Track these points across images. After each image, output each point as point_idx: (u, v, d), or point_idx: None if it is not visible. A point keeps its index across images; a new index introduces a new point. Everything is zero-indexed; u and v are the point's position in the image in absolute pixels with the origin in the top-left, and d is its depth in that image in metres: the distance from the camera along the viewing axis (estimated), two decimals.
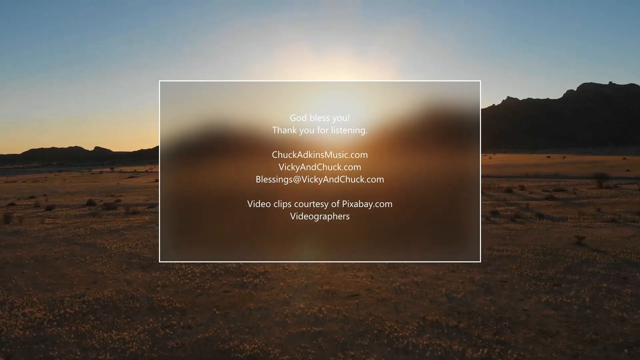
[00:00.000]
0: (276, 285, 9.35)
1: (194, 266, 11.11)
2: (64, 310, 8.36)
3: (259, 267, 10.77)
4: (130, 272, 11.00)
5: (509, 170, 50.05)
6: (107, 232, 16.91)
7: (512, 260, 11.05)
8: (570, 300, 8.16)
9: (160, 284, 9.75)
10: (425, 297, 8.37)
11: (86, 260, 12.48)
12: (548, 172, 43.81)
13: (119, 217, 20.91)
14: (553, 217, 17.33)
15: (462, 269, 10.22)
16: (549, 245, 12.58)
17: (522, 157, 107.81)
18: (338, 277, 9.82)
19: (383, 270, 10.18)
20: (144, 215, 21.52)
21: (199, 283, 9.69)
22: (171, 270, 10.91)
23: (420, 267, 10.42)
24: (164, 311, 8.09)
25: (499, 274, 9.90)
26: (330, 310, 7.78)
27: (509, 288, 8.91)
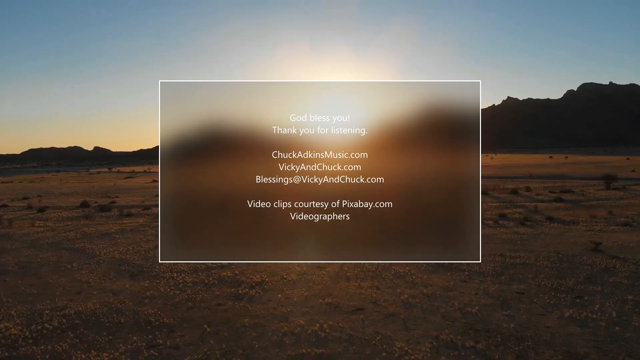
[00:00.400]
0: (274, 297, 8.61)
1: (186, 275, 10.38)
2: (42, 325, 7.63)
3: (256, 276, 10.04)
4: (118, 281, 10.26)
5: (511, 170, 49.31)
6: (98, 236, 16.17)
7: (527, 268, 10.31)
8: (595, 316, 7.42)
9: (148, 295, 9.02)
10: (437, 312, 7.64)
11: (72, 267, 11.75)
12: (552, 172, 43.08)
13: (112, 220, 20.18)
14: (564, 221, 16.60)
15: (474, 279, 9.49)
16: (564, 251, 11.84)
17: (523, 157, 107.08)
18: (341, 287, 9.08)
19: (389, 280, 9.44)
20: (138, 217, 20.78)
21: (190, 294, 8.95)
22: (161, 279, 10.19)
23: (429, 276, 9.69)
24: (151, 327, 7.35)
25: (515, 284, 9.16)
26: (332, 327, 7.04)
27: (527, 301, 8.17)
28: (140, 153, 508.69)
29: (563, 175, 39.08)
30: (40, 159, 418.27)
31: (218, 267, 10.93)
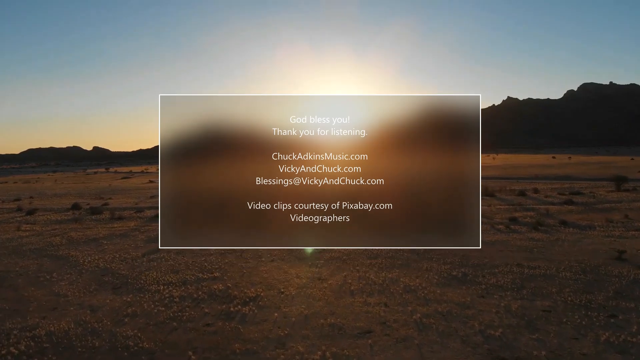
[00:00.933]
0: (269, 316, 7.65)
1: (173, 288, 9.43)
2: (7, 349, 6.71)
3: (250, 289, 9.09)
4: (99, 295, 9.31)
5: (515, 171, 48.33)
6: (84, 242, 15.22)
7: (549, 281, 9.36)
8: (635, 339, 6.50)
9: (129, 313, 8.07)
10: (456, 335, 6.68)
11: (52, 277, 10.81)
12: (558, 173, 42.11)
13: (102, 224, 19.21)
14: (579, 225, 15.65)
15: (493, 293, 8.54)
16: (586, 260, 10.89)
17: (526, 157, 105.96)
18: (345, 304, 8.12)
19: (398, 295, 8.49)
20: (130, 221, 19.82)
21: (176, 312, 8.00)
22: (146, 292, 9.24)
23: (442, 290, 8.74)
24: (128, 354, 6.41)
25: (538, 300, 8.21)
26: (336, 356, 6.09)
27: (555, 321, 7.22)
28: (140, 153, 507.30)
29: (569, 176, 38.12)
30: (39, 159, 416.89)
31: (209, 279, 9.99)
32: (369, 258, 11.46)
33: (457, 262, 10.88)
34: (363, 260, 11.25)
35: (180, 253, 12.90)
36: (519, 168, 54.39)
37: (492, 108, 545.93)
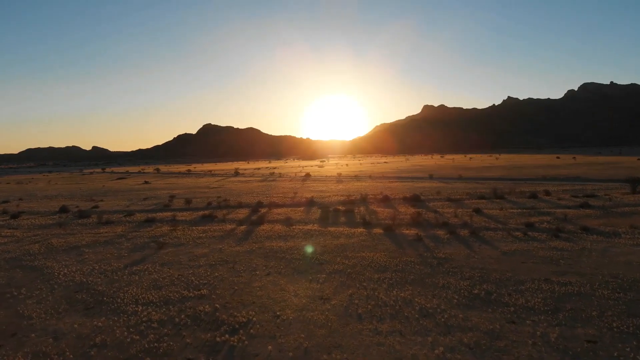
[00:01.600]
0: (262, 348, 6.40)
1: (153, 309, 8.17)
2: None
3: (241, 311, 7.83)
4: (67, 317, 8.06)
5: (521, 171, 47.04)
6: (64, 250, 13.96)
7: (586, 301, 8.10)
8: None
9: (97, 342, 6.82)
10: None
11: (20, 294, 9.56)
12: (566, 174, 40.85)
13: (88, 229, 17.94)
14: (603, 232, 14.38)
15: (525, 318, 7.29)
16: (621, 275, 9.64)
17: (529, 157, 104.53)
18: (351, 332, 6.86)
19: (414, 321, 7.23)
20: (118, 225, 18.55)
21: (152, 341, 6.74)
22: (121, 315, 7.97)
23: (465, 314, 7.47)
24: None
25: (579, 327, 6.96)
26: None
27: (605, 355, 5.97)
28: (139, 153, 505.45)
29: (578, 177, 36.86)
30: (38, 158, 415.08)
31: (195, 298, 8.72)
32: (376, 272, 10.21)
33: (477, 277, 9.63)
34: (370, 275, 9.99)
35: (167, 264, 11.65)
36: (524, 168, 53.10)
37: (492, 108, 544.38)
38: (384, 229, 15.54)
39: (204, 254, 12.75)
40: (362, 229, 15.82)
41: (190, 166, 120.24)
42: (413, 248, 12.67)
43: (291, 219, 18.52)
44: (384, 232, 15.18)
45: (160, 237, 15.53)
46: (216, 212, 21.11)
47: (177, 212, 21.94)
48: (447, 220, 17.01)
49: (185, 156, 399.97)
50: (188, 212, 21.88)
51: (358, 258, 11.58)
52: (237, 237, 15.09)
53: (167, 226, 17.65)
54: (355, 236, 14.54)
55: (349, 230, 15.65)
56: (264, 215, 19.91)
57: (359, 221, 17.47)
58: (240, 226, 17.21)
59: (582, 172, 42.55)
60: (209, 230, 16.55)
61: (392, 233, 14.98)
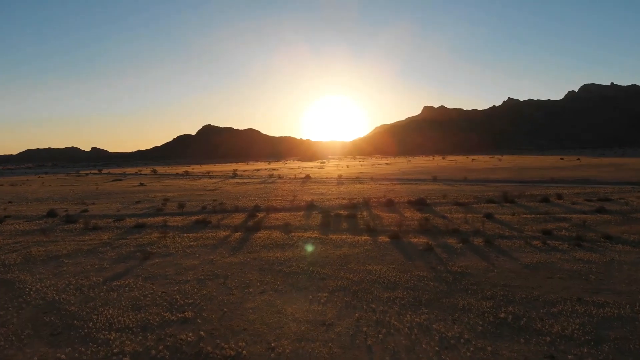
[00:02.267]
0: None
1: (127, 337, 7.01)
2: None
3: (229, 341, 6.67)
4: (29, 347, 6.92)
5: (527, 173, 45.89)
6: (42, 260, 12.80)
7: (630, 327, 6.98)
8: None
9: None
10: None
11: None
12: (574, 176, 39.67)
13: (72, 236, 16.79)
14: (629, 241, 13.24)
15: (566, 351, 6.13)
16: None
17: (533, 159, 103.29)
18: None
19: (435, 356, 6.07)
20: (104, 232, 17.40)
21: None
22: (90, 344, 6.82)
23: (494, 345, 6.32)
24: None
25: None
26: None
27: None
28: (138, 154, 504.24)
29: (587, 179, 35.70)
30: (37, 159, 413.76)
31: (178, 322, 7.57)
32: (385, 289, 9.06)
33: (500, 296, 8.47)
34: (378, 293, 8.83)
35: (151, 278, 10.50)
36: (529, 170, 51.93)
37: (492, 109, 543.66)
38: (390, 236, 14.38)
39: (193, 265, 11.60)
40: (366, 237, 14.67)
41: (189, 167, 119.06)
42: (424, 260, 11.51)
43: (290, 224, 17.37)
44: (390, 240, 14.03)
45: (148, 245, 14.38)
46: (210, 217, 19.96)
47: (169, 217, 20.79)
48: (458, 227, 15.86)
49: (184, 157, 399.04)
50: (181, 217, 20.73)
51: (364, 272, 10.42)
52: (231, 245, 13.94)
53: (157, 233, 16.49)
54: (360, 245, 13.39)
55: (352, 238, 14.50)
56: (261, 220, 18.76)
57: (363, 228, 16.31)
58: (235, 233, 16.05)
59: (590, 174, 41.39)
60: (201, 237, 15.39)
61: (400, 241, 13.83)
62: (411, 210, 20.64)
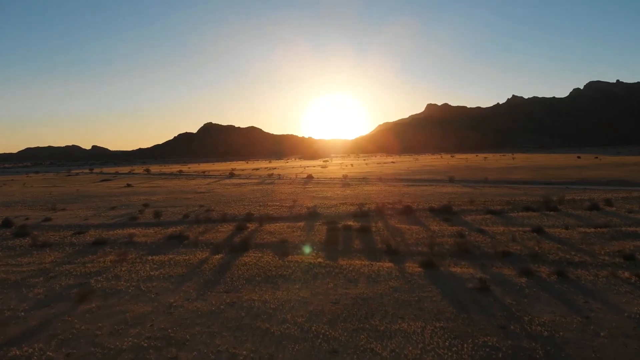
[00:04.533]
0: None
1: None
2: None
3: None
4: None
5: (548, 173, 41.92)
6: None
7: None
8: None
9: None
10: None
11: None
12: (603, 176, 35.72)
13: (9, 256, 13.09)
14: None
15: None
16: None
17: (547, 157, 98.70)
18: None
19: None
20: (53, 251, 13.70)
21: None
22: None
23: None
24: None
25: None
26: None
27: None
28: (139, 152, 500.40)
29: (623, 180, 31.79)
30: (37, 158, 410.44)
31: None
32: None
33: None
34: None
35: (69, 343, 6.78)
36: (549, 169, 47.94)
37: (496, 106, 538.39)
38: (421, 263, 10.60)
39: (142, 316, 7.87)
40: (388, 263, 10.91)
41: (186, 166, 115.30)
42: (483, 309, 7.74)
43: (287, 242, 13.64)
44: (423, 269, 10.26)
45: (94, 275, 10.66)
46: (190, 230, 16.25)
47: (140, 229, 17.07)
48: (507, 248, 12.09)
49: (186, 155, 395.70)
50: (154, 229, 17.00)
51: (397, 338, 6.67)
52: (204, 277, 10.19)
53: (114, 254, 12.77)
54: (382, 279, 9.63)
55: (369, 265, 10.74)
56: (251, 235, 15.03)
57: (382, 248, 12.55)
58: (214, 255, 12.31)
59: (621, 174, 37.40)
60: (169, 262, 11.66)
61: (437, 272, 10.07)
62: (436, 221, 16.86)
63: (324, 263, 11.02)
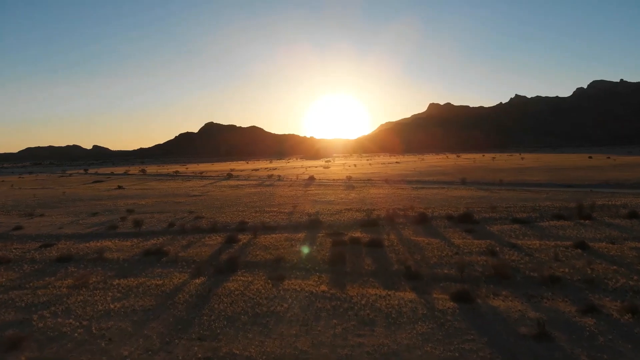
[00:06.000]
0: None
1: None
2: None
3: None
4: None
5: (566, 175, 39.55)
6: None
7: None
8: None
9: None
10: None
11: None
12: (624, 178, 33.34)
13: None
14: None
15: None
16: None
17: (557, 157, 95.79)
18: None
19: None
20: (8, 269, 11.54)
21: None
22: None
23: None
24: None
25: None
26: None
27: None
28: (140, 152, 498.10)
29: None
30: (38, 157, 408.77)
31: None
32: None
33: None
34: None
35: None
36: (565, 170, 45.54)
37: (499, 106, 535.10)
38: (453, 295, 8.36)
39: None
40: (410, 293, 8.68)
41: (184, 166, 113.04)
42: None
43: (283, 260, 11.45)
44: (456, 303, 8.02)
45: (42, 307, 8.49)
46: (172, 243, 14.08)
47: (116, 241, 14.90)
48: (553, 270, 9.86)
49: (187, 155, 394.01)
50: (132, 241, 14.82)
51: None
52: (175, 314, 7.98)
53: (76, 277, 10.57)
54: (405, 319, 7.39)
55: (386, 296, 8.50)
56: (242, 250, 12.84)
57: (399, 270, 10.32)
58: (194, 279, 10.10)
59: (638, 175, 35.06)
60: (137, 289, 9.45)
61: (474, 307, 7.84)
62: (458, 232, 14.63)
63: (329, 293, 8.78)
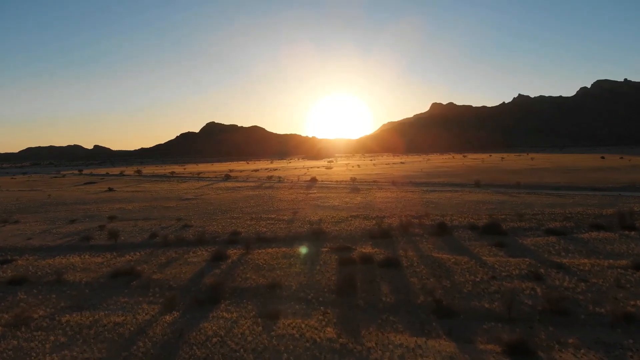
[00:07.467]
0: None
1: None
2: None
3: None
4: None
5: (583, 176, 37.12)
6: None
7: None
8: None
9: None
10: None
11: None
12: None
13: None
14: None
15: None
16: None
17: (568, 157, 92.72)
18: None
19: None
20: None
21: None
22: None
23: None
24: None
25: None
26: None
27: None
28: (141, 152, 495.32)
29: None
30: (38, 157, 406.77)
31: None
32: None
33: None
34: None
35: None
36: (580, 172, 43.08)
37: (502, 105, 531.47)
38: (506, 347, 6.16)
39: None
40: (446, 343, 6.48)
41: (183, 167, 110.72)
42: None
43: (279, 286, 9.27)
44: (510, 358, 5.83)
45: None
46: (148, 260, 11.91)
47: (87, 255, 12.78)
48: (621, 304, 7.66)
49: (188, 155, 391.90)
50: (104, 257, 12.66)
51: None
52: None
53: (16, 312, 8.40)
54: None
55: (415, 348, 6.30)
56: (230, 270, 10.66)
57: (426, 302, 8.12)
58: (164, 315, 7.90)
59: None
60: (88, 331, 7.27)
61: None
62: (486, 246, 12.43)
63: (338, 343, 6.56)
